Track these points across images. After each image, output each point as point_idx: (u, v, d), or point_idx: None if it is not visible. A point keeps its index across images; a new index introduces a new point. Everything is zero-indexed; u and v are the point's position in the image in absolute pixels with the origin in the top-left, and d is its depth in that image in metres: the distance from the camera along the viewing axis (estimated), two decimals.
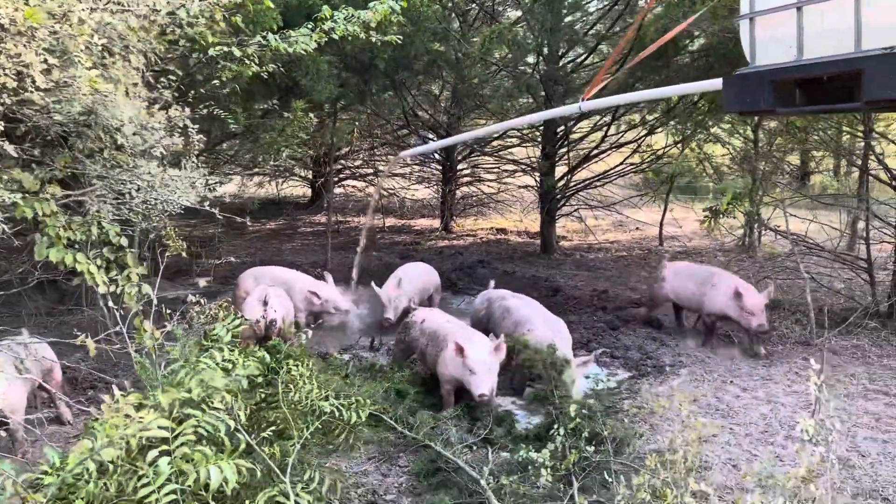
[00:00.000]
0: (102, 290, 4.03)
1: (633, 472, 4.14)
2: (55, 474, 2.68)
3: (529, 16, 10.39)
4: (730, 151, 12.07)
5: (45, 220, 3.96)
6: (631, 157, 13.00)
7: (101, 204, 4.33)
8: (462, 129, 13.24)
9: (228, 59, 5.86)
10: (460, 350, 5.15)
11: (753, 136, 11.00)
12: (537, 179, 12.98)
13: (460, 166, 15.61)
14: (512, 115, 12.20)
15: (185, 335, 3.96)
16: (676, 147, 12.33)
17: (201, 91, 6.58)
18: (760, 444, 5.02)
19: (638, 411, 5.35)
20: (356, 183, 17.17)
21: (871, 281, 8.12)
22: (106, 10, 3.68)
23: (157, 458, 2.71)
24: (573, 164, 12.86)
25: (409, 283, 7.89)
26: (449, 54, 10.13)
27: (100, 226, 4.22)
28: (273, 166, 12.22)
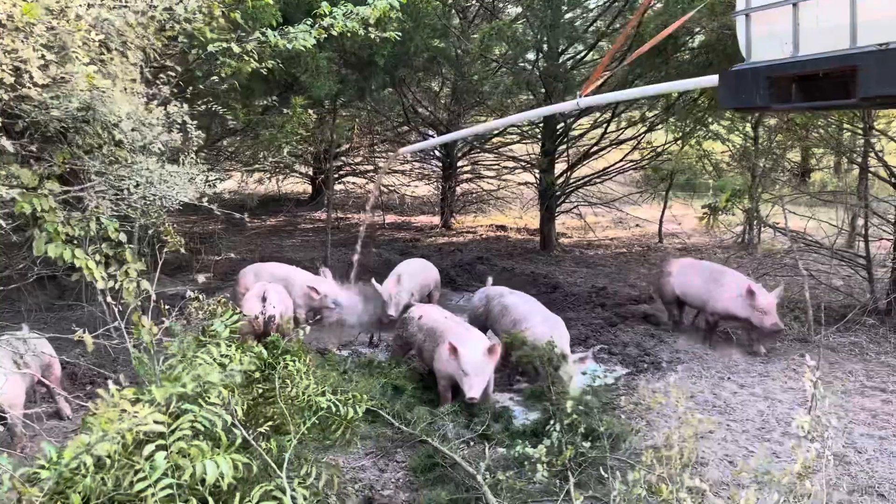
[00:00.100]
0: (101, 285, 4.03)
1: (629, 467, 4.15)
2: (52, 469, 2.69)
3: (529, 12, 10.38)
4: (729, 148, 12.07)
5: (43, 216, 3.96)
6: (631, 153, 13.00)
7: (99, 200, 4.34)
8: (462, 126, 13.25)
9: (227, 55, 5.86)
10: (454, 350, 5.17)
11: (753, 133, 11.00)
12: (537, 176, 12.98)
13: (460, 163, 15.61)
14: (512, 112, 12.21)
15: (184, 331, 3.97)
16: (676, 144, 12.33)
17: (200, 87, 6.59)
18: (757, 441, 5.03)
19: (635, 407, 5.36)
20: (356, 180, 17.18)
21: (869, 278, 8.13)
22: (103, 6, 3.68)
23: (154, 453, 2.72)
24: (573, 160, 12.86)
25: (410, 279, 7.91)
26: (449, 51, 10.12)
27: (98, 221, 4.23)
28: (273, 163, 12.24)
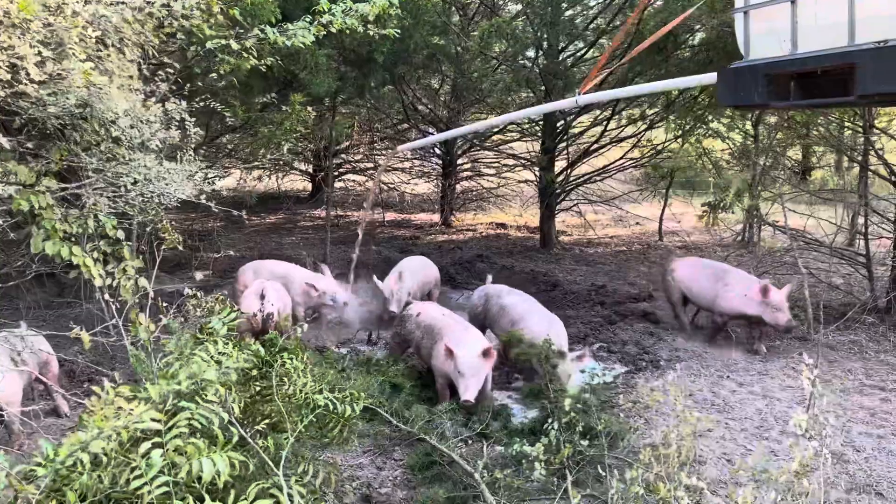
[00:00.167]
0: (99, 283, 4.03)
1: (627, 466, 4.15)
2: (48, 466, 2.69)
3: (529, 9, 10.36)
4: (729, 146, 12.06)
5: (41, 213, 3.96)
6: (631, 151, 12.98)
7: (97, 197, 4.33)
8: (462, 124, 13.23)
9: (226, 52, 5.85)
10: (450, 352, 5.17)
11: (754, 131, 10.99)
12: (537, 174, 12.97)
13: (460, 161, 15.60)
14: (512, 110, 12.19)
15: (181, 328, 3.96)
16: (676, 142, 12.32)
17: (199, 84, 6.57)
18: (755, 439, 5.02)
19: (633, 406, 5.35)
20: (356, 177, 17.17)
21: (869, 276, 8.12)
22: (100, 3, 3.67)
23: (150, 451, 2.71)
24: (573, 158, 12.84)
25: (411, 276, 7.91)
26: (449, 48, 10.11)
27: (96, 219, 4.22)
28: (272, 160, 12.23)
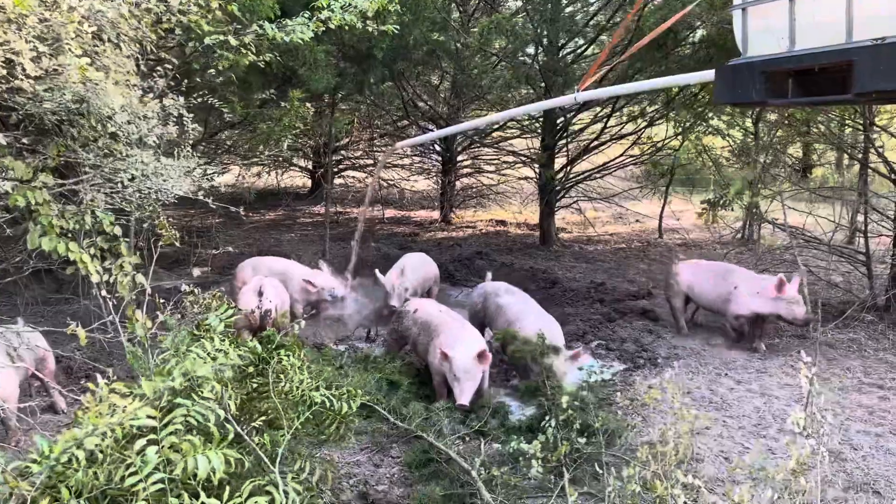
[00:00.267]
0: (95, 279, 4.03)
1: (624, 463, 4.15)
2: (43, 463, 2.69)
3: (529, 6, 10.34)
4: (729, 144, 12.05)
5: (38, 209, 3.95)
6: (631, 148, 12.97)
7: (94, 193, 4.33)
8: (461, 120, 13.21)
9: (225, 48, 5.84)
10: (445, 356, 5.18)
11: (754, 128, 10.97)
12: (537, 171, 12.96)
13: (460, 157, 15.59)
14: (511, 106, 12.18)
15: (179, 325, 3.96)
16: (677, 139, 12.30)
17: (197, 80, 6.56)
18: (753, 437, 5.02)
19: (631, 403, 5.34)
20: (356, 174, 17.15)
21: (869, 274, 8.11)
22: None
23: (145, 448, 2.71)
24: (573, 155, 12.83)
25: (413, 272, 7.92)
26: (448, 45, 10.10)
27: (94, 215, 4.21)
28: (271, 156, 12.21)
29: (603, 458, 4.24)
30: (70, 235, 4.11)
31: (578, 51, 11.75)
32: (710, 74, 3.86)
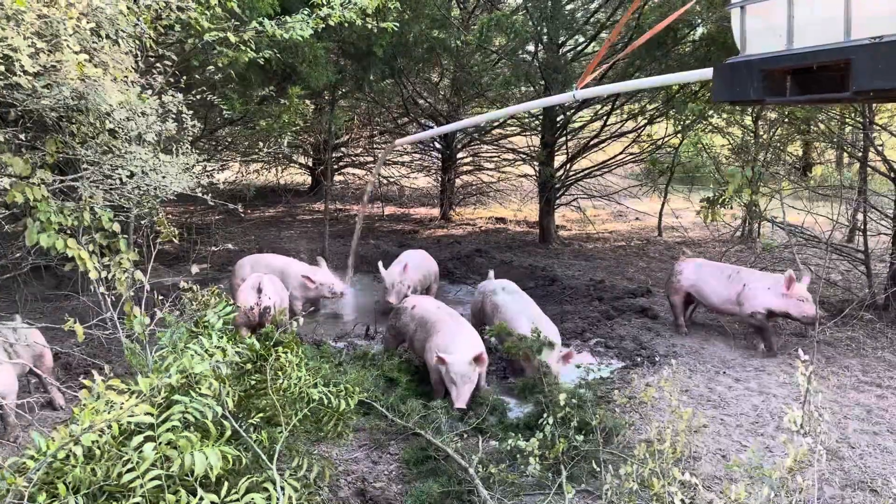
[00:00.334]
0: (94, 275, 4.03)
1: (622, 461, 4.15)
2: (40, 459, 2.69)
3: (529, 3, 10.32)
4: (729, 141, 12.04)
5: (36, 206, 3.95)
6: (630, 146, 12.96)
7: (93, 189, 4.33)
8: (461, 118, 13.21)
9: (224, 44, 5.84)
10: (441, 361, 5.19)
11: (754, 126, 10.97)
12: (537, 168, 12.96)
13: (460, 155, 15.58)
14: (512, 104, 12.17)
15: (177, 322, 3.96)
16: (676, 137, 12.30)
17: (196, 77, 6.56)
18: (751, 435, 5.02)
19: (629, 401, 5.35)
20: (356, 171, 17.15)
21: (867, 273, 8.11)
22: None
23: (142, 444, 2.71)
24: (573, 153, 12.83)
25: (415, 269, 7.92)
26: (448, 42, 10.09)
27: (92, 211, 4.21)
28: (271, 153, 12.21)
29: (600, 455, 4.25)
30: (69, 232, 4.12)
31: (578, 48, 11.74)
32: (709, 72, 3.86)
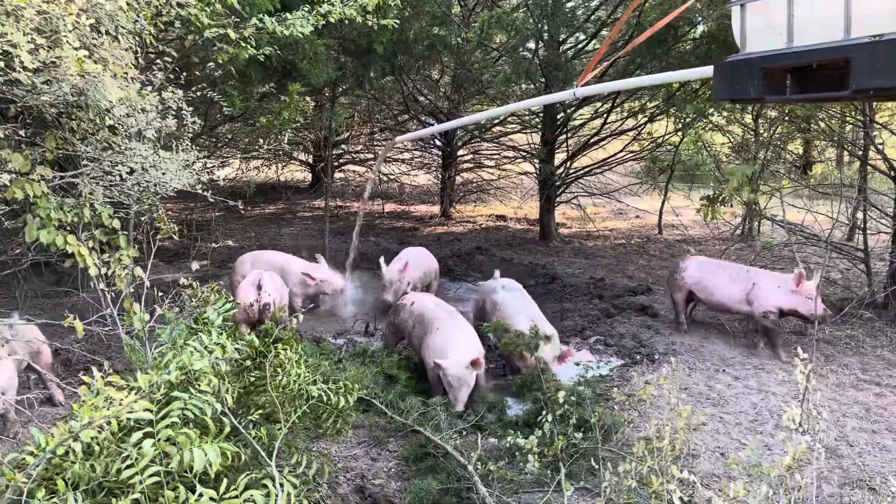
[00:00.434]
0: (93, 272, 4.03)
1: (620, 459, 4.16)
2: (39, 455, 2.69)
3: (530, 1, 10.31)
4: (730, 140, 12.03)
5: (35, 202, 3.95)
6: (631, 144, 12.96)
7: (93, 186, 4.32)
8: (462, 115, 13.20)
9: (224, 41, 5.83)
10: (438, 366, 5.20)
11: (754, 124, 10.96)
12: (537, 166, 12.95)
13: (460, 152, 15.57)
14: (512, 101, 12.16)
15: (177, 318, 3.97)
16: (677, 135, 12.29)
17: (196, 73, 6.55)
18: (750, 433, 5.03)
19: (628, 399, 5.36)
20: (356, 168, 17.14)
21: (867, 271, 8.11)
22: None
23: (141, 440, 2.72)
24: (573, 150, 12.82)
25: (416, 267, 7.91)
26: (449, 39, 10.08)
27: (92, 208, 4.21)
28: (271, 150, 12.21)
29: (599, 453, 4.25)
30: (69, 228, 4.12)
31: (579, 46, 11.73)
32: (709, 70, 3.86)
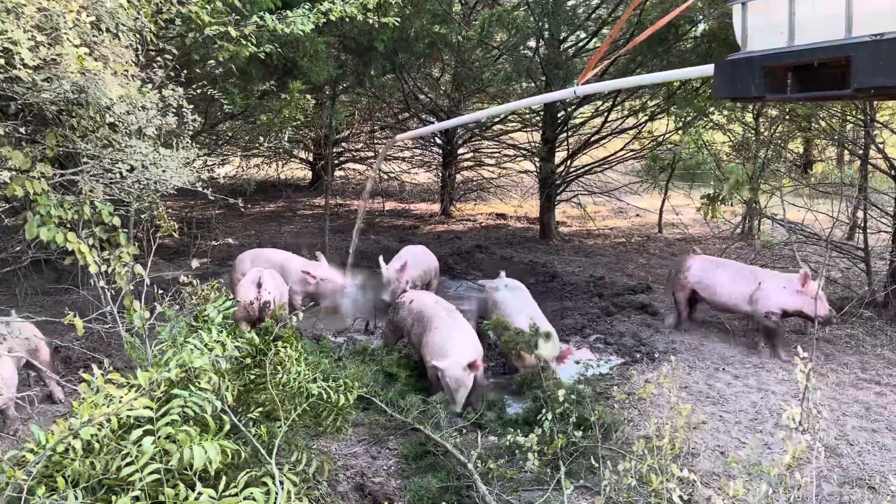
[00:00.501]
0: (94, 269, 4.03)
1: (620, 457, 4.16)
2: (39, 452, 2.70)
3: None
4: (730, 139, 12.03)
5: (36, 199, 3.95)
6: (631, 143, 12.95)
7: (93, 183, 4.32)
8: (462, 113, 13.20)
9: (225, 39, 5.83)
10: (435, 368, 5.20)
11: (755, 123, 10.96)
12: (537, 164, 12.95)
13: (461, 150, 15.57)
14: (513, 99, 12.15)
15: (177, 316, 3.97)
16: (677, 133, 12.28)
17: (197, 71, 6.55)
18: (749, 432, 5.03)
19: (627, 397, 5.36)
20: (356, 166, 17.14)
21: (867, 270, 8.11)
22: None
23: (141, 438, 2.72)
24: (573, 149, 12.82)
25: (415, 266, 7.91)
26: (449, 37, 10.08)
27: (92, 205, 4.21)
28: (271, 148, 12.19)
29: (599, 451, 4.25)
30: (69, 226, 4.12)
31: (580, 44, 11.72)
32: (710, 69, 3.85)
